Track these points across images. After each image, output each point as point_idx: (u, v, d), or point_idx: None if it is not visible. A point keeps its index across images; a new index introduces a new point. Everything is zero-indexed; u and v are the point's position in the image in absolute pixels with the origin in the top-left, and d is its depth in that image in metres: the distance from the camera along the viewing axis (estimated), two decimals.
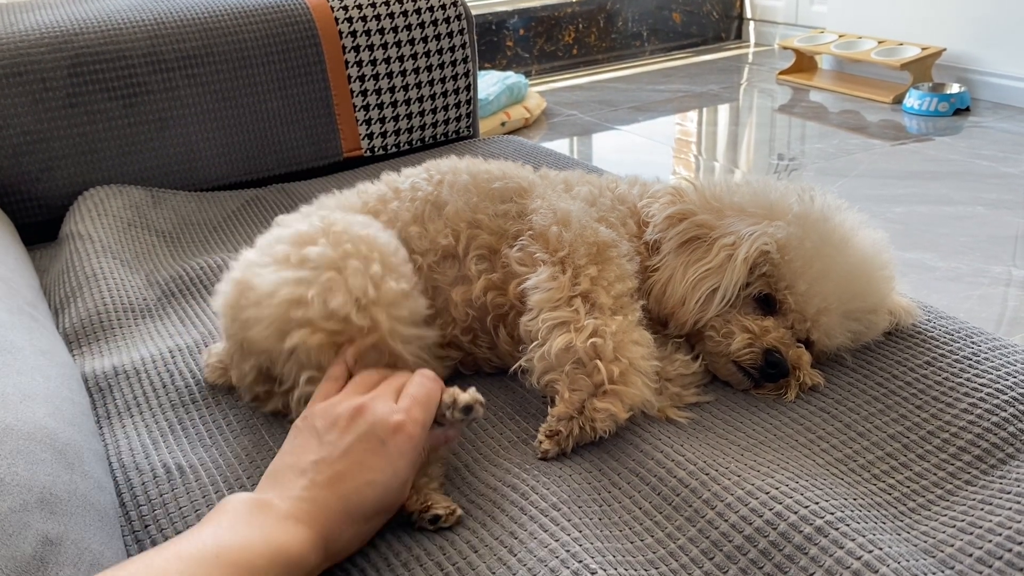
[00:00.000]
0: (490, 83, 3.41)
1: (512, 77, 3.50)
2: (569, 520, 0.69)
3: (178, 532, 0.73)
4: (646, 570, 0.66)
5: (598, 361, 0.78)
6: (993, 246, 2.32)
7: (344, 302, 0.76)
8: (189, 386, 0.93)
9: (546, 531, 0.67)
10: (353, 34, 1.57)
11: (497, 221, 0.91)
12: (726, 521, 0.68)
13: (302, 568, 0.61)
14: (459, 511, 0.72)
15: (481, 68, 3.91)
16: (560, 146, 3.29)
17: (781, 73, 4.09)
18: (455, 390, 0.75)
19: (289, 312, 0.77)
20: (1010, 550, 0.64)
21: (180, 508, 0.75)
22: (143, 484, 0.78)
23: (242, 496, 0.65)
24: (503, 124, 3.36)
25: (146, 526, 0.74)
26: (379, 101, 1.62)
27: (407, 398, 0.71)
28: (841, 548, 0.63)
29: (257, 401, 0.89)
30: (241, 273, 0.84)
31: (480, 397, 0.75)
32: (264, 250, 0.85)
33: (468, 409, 0.74)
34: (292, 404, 0.81)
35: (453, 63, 1.66)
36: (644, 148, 3.30)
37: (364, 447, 0.67)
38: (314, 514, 0.63)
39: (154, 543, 0.72)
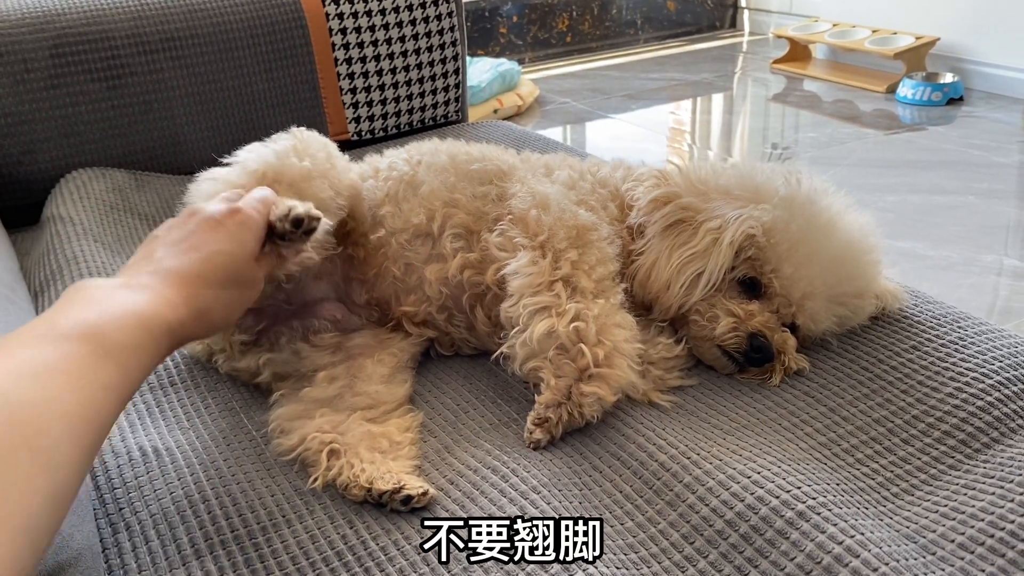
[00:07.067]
0: (483, 70, 3.38)
1: (505, 64, 3.47)
2: (549, 503, 0.68)
3: (152, 515, 0.72)
4: (626, 554, 0.65)
5: (582, 345, 0.77)
6: (985, 235, 2.32)
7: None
8: (167, 368, 0.92)
9: (526, 513, 0.67)
10: (340, 16, 1.55)
11: (475, 203, 0.90)
12: (707, 505, 0.67)
13: (166, 322, 0.61)
14: (431, 492, 0.71)
15: (474, 55, 3.88)
16: (553, 134, 3.27)
17: (775, 62, 4.07)
18: (291, 201, 0.75)
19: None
20: (992, 536, 0.63)
21: (155, 491, 0.74)
22: (118, 467, 0.77)
23: (90, 281, 0.63)
24: (495, 111, 3.34)
25: (120, 509, 0.73)
26: (366, 84, 1.60)
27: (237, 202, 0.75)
28: (823, 533, 0.62)
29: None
30: None
31: (316, 213, 0.75)
32: None
33: (298, 222, 0.73)
34: None
35: (442, 46, 1.65)
36: (637, 136, 3.29)
37: (203, 229, 0.70)
38: (168, 278, 0.64)
39: (128, 526, 0.71)
